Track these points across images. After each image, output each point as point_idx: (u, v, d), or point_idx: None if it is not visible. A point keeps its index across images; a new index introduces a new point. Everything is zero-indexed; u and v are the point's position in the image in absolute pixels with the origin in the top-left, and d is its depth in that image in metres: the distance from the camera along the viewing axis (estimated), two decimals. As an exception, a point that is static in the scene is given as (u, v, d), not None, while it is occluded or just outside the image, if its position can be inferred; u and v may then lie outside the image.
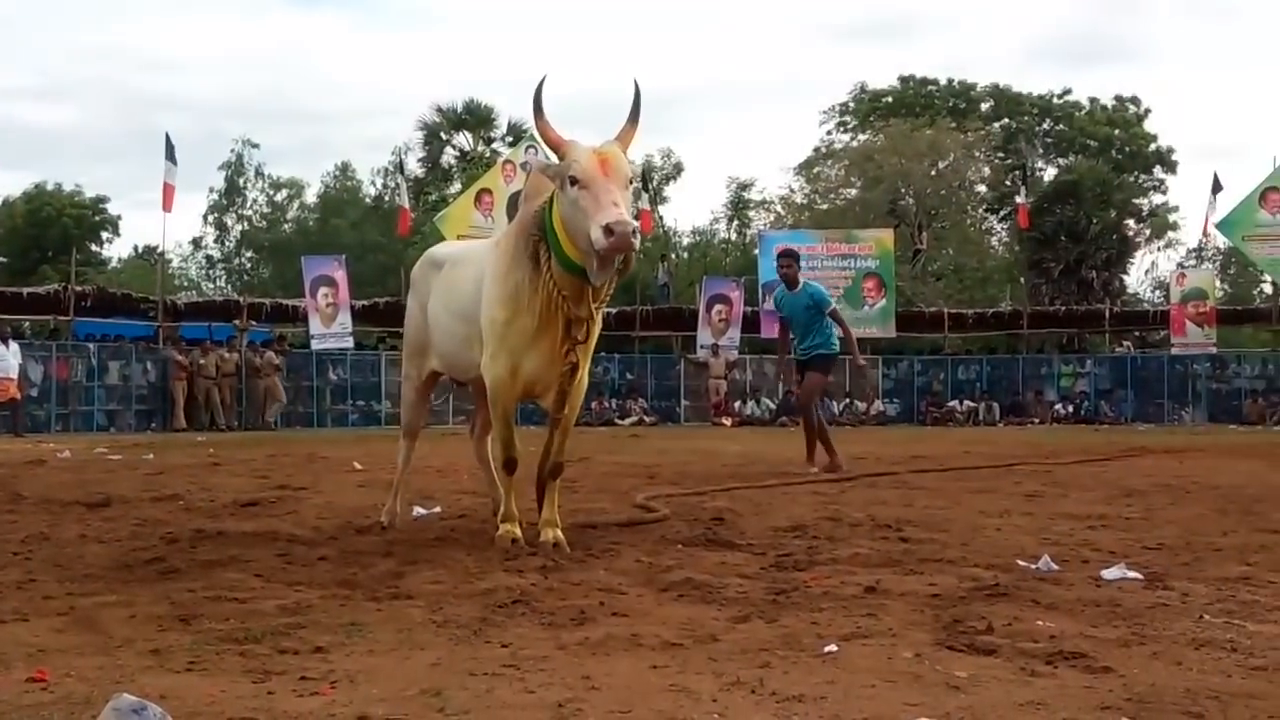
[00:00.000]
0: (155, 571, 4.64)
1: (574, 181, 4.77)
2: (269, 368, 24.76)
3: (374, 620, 3.69)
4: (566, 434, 5.50)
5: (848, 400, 29.28)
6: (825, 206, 41.49)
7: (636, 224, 4.68)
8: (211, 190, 46.94)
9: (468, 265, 5.77)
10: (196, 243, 48.22)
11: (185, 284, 47.27)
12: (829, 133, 47.89)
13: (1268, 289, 33.00)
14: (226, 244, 48.01)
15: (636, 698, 2.76)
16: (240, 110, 68.53)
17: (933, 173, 40.28)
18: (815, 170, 44.53)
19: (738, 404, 28.65)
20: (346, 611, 3.84)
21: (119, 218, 50.44)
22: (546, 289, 5.05)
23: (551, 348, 5.20)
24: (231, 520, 6.40)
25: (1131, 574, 4.46)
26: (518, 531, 5.34)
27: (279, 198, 48.02)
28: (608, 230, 4.53)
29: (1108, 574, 4.46)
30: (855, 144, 45.34)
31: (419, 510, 6.76)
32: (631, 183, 4.91)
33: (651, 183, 38.20)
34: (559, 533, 5.28)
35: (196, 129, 67.44)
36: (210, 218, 47.29)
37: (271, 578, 4.48)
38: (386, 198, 44.99)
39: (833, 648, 3.24)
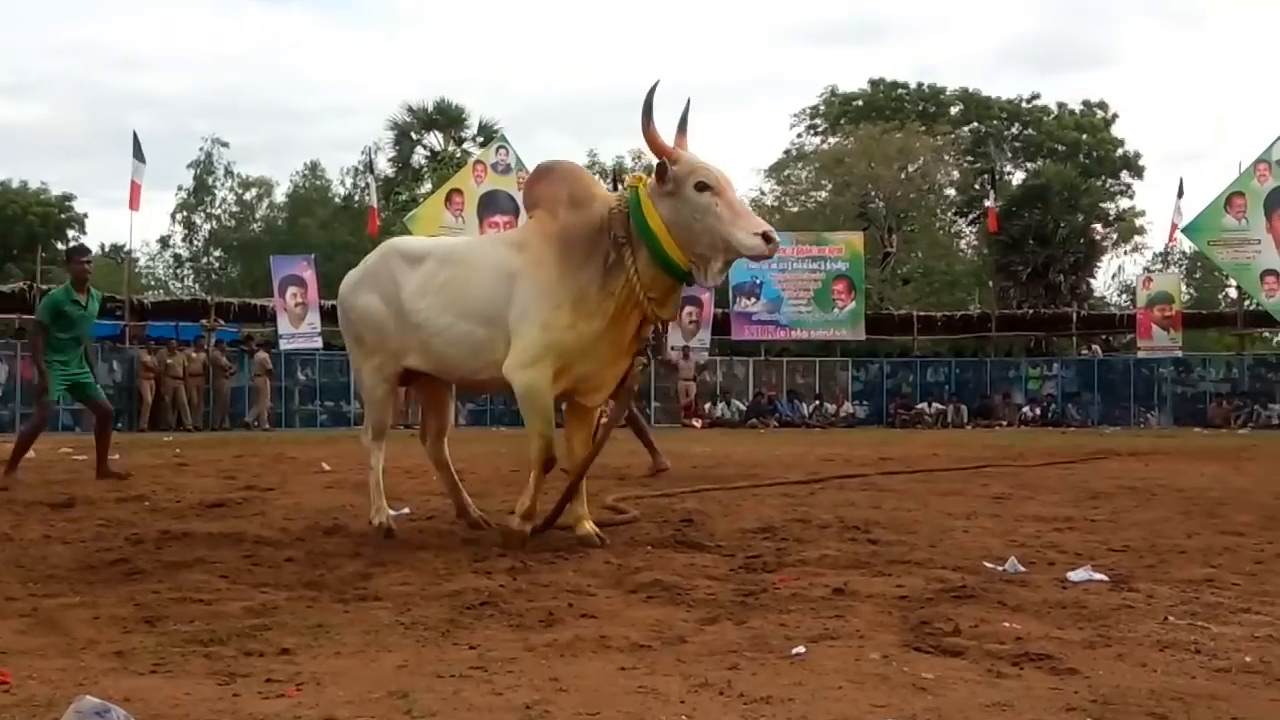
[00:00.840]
0: (120, 573, 4.60)
1: (704, 187, 5.06)
2: (260, 369, 24.60)
3: (341, 622, 3.67)
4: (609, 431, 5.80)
5: (817, 402, 29.37)
6: (795, 209, 41.59)
7: None
8: (180, 189, 46.67)
9: (475, 266, 5.63)
10: (164, 241, 47.95)
11: (152, 283, 46.95)
12: (799, 135, 48.07)
13: (1233, 293, 33.32)
14: (194, 243, 47.74)
15: (604, 699, 2.76)
16: (209, 108, 68.26)
17: (902, 176, 40.45)
18: (785, 173, 44.65)
19: (708, 406, 28.66)
20: (313, 613, 3.82)
21: (85, 216, 49.94)
22: (627, 291, 5.20)
23: (614, 350, 5.37)
24: (197, 521, 6.35)
25: (1097, 576, 4.50)
26: (589, 526, 5.52)
27: (248, 196, 47.78)
28: (766, 237, 5.03)
29: (1074, 576, 4.49)
30: (825, 147, 45.48)
31: (405, 510, 6.72)
32: None
33: (622, 184, 38.13)
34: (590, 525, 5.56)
35: (165, 127, 66.93)
36: (178, 216, 47.04)
37: (237, 579, 4.46)
38: (356, 197, 44.78)
39: (801, 649, 3.25)
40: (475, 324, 5.50)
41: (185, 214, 46.86)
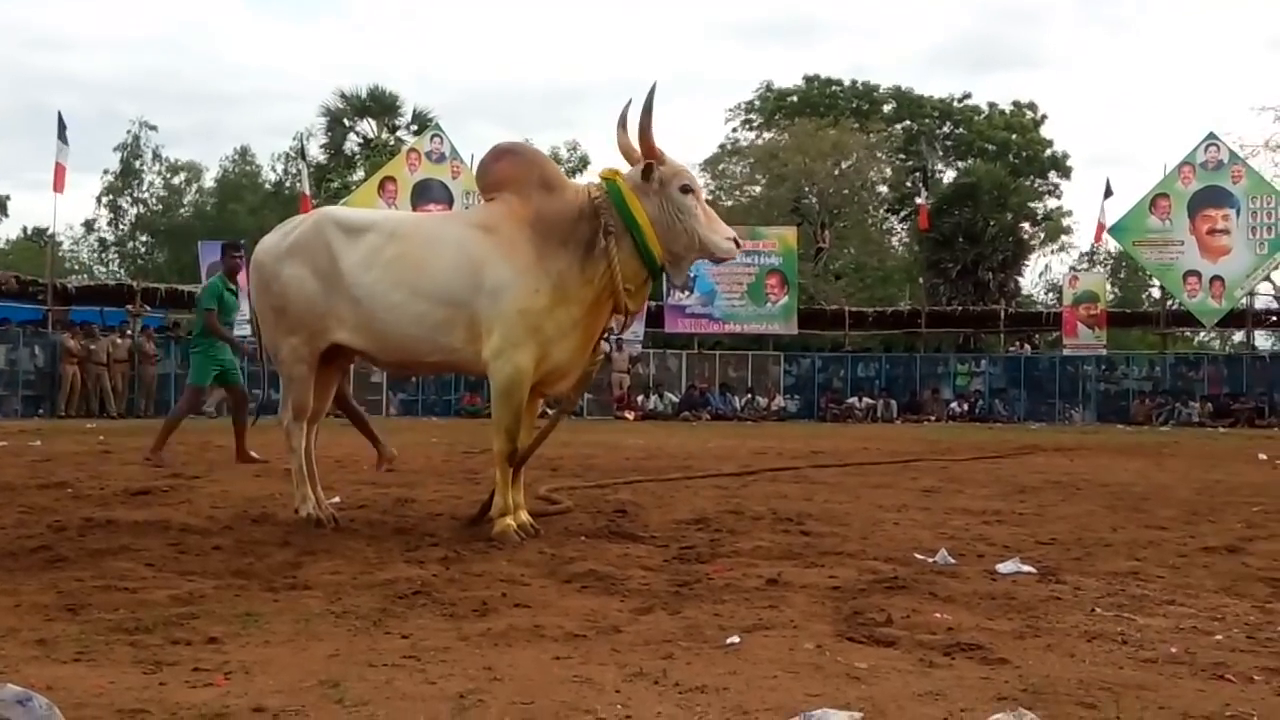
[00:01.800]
0: (42, 560, 4.49)
1: (688, 190, 5.36)
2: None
3: (270, 611, 3.62)
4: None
5: (749, 395, 29.50)
6: (730, 203, 41.75)
7: None
8: (106, 172, 45.86)
9: (432, 243, 5.42)
10: (89, 225, 47.09)
11: (76, 267, 46.06)
12: (734, 130, 48.33)
13: (1156, 293, 33.98)
14: (121, 227, 46.93)
15: (539, 689, 2.74)
16: (136, 91, 66.97)
17: (836, 172, 40.80)
18: (720, 167, 44.84)
19: (640, 398, 28.69)
20: (242, 602, 3.76)
21: (7, 198, 48.99)
22: (607, 279, 5.28)
23: (586, 338, 5.44)
24: (122, 509, 6.23)
25: (1025, 568, 4.56)
26: (524, 516, 5.48)
27: (176, 181, 47.04)
28: (735, 241, 5.51)
29: (1002, 568, 4.55)
30: (760, 142, 45.75)
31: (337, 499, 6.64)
32: None
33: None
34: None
35: (91, 109, 65.74)
36: (104, 200, 46.19)
37: (163, 567, 4.37)
38: (287, 184, 44.29)
39: (735, 639, 3.25)
40: (432, 304, 5.30)
41: (111, 198, 46.03)
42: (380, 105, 42.44)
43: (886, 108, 48.38)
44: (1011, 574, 4.46)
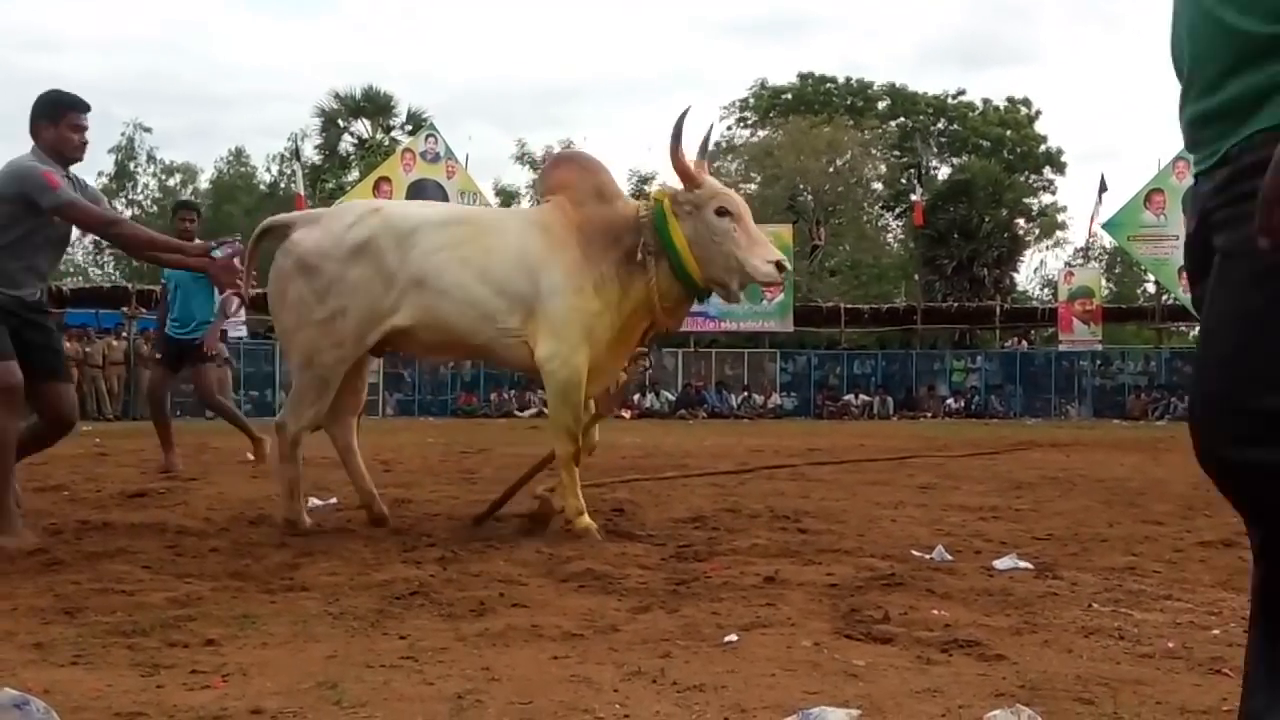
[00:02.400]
0: (38, 563, 4.48)
1: (725, 213, 5.27)
2: (221, 359, 24.19)
3: (267, 612, 3.61)
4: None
5: (746, 393, 29.52)
6: (725, 201, 41.72)
7: None
8: (100, 174, 45.64)
9: (498, 232, 5.45)
10: (84, 227, 46.91)
11: (71, 269, 45.96)
12: (729, 128, 48.25)
13: (1151, 288, 34.04)
14: (116, 229, 46.74)
15: (537, 689, 2.74)
16: (131, 93, 66.90)
17: (830, 170, 40.79)
18: (715, 165, 44.67)
19: (636, 396, 28.70)
20: (239, 603, 3.76)
21: (2, 201, 48.78)
22: (644, 295, 5.32)
23: (623, 347, 5.55)
24: (118, 511, 6.22)
25: (1023, 564, 4.56)
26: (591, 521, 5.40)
27: (171, 183, 46.93)
28: (780, 265, 5.30)
29: (1000, 564, 4.55)
30: (755, 140, 45.72)
31: (315, 502, 6.65)
32: None
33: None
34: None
35: (84, 110, 65.42)
36: (99, 202, 46.03)
37: (160, 569, 4.37)
38: (282, 184, 44.21)
39: (733, 637, 3.25)
40: (492, 290, 5.31)
41: (106, 200, 45.93)
42: (375, 105, 42.41)
43: (881, 105, 48.37)
44: (1009, 570, 4.46)
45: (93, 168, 51.37)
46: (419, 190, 27.50)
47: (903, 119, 47.89)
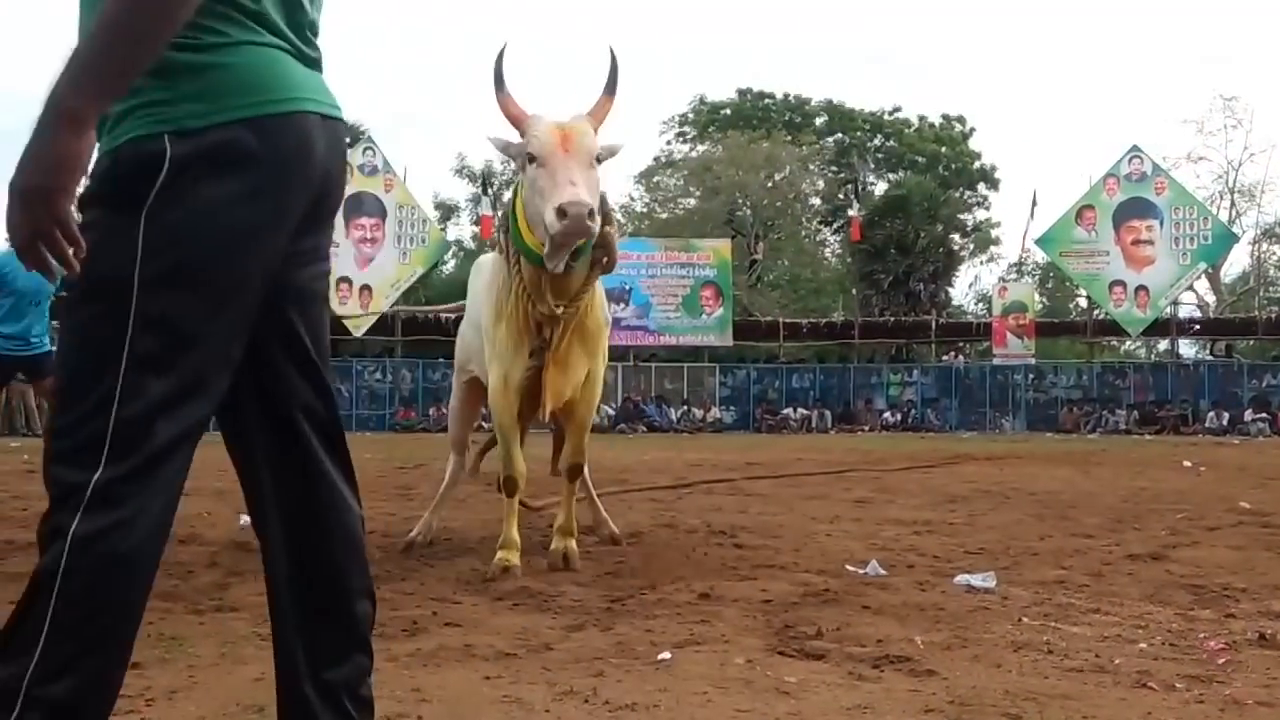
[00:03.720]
0: (-41, 585, 4.38)
1: (532, 159, 4.30)
2: None
3: (195, 634, 3.55)
4: (580, 434, 5.17)
5: (685, 407, 29.57)
6: (665, 215, 41.93)
7: (593, 204, 4.13)
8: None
9: (484, 272, 5.42)
10: (11, 238, 46.09)
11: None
12: (669, 143, 48.49)
13: (1083, 303, 34.57)
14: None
15: (468, 710, 2.72)
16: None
17: (769, 184, 41.06)
18: (655, 179, 44.94)
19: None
20: (166, 625, 3.69)
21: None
22: (513, 286, 4.70)
23: (519, 357, 4.85)
24: (44, 530, 6.08)
25: (983, 583, 4.46)
26: (514, 560, 4.79)
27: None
28: (560, 212, 4.06)
29: (958, 581, 4.51)
30: (694, 154, 45.92)
31: (245, 520, 6.54)
32: (600, 160, 4.35)
33: (492, 187, 38.02)
34: (572, 544, 5.01)
35: (25, 124, 64.22)
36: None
37: (86, 591, 4.27)
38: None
39: (666, 655, 3.25)
40: (476, 331, 5.33)
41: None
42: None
43: (818, 120, 48.80)
44: (965, 587, 4.44)
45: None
46: (356, 204, 27.33)
47: (840, 135, 48.35)
